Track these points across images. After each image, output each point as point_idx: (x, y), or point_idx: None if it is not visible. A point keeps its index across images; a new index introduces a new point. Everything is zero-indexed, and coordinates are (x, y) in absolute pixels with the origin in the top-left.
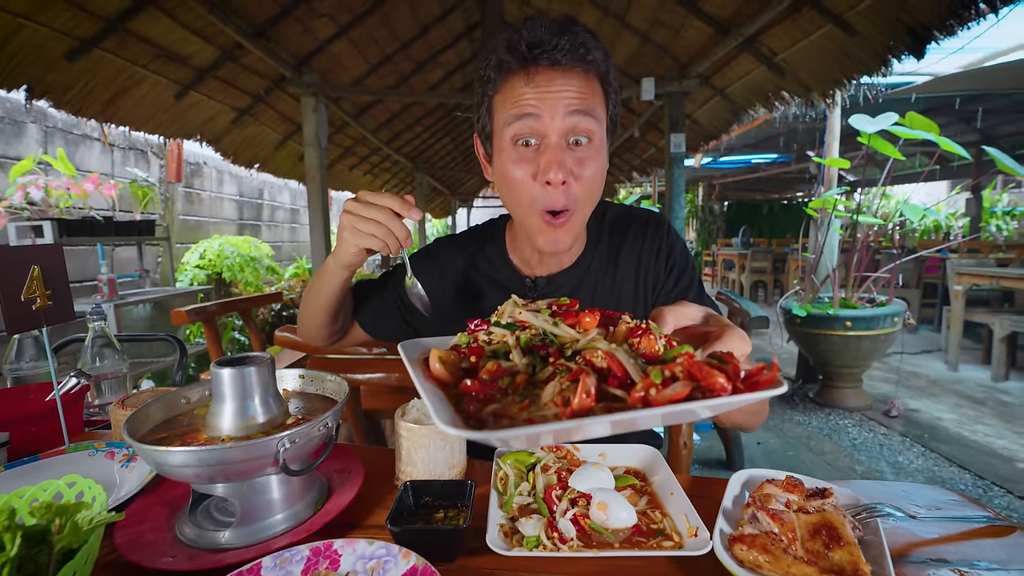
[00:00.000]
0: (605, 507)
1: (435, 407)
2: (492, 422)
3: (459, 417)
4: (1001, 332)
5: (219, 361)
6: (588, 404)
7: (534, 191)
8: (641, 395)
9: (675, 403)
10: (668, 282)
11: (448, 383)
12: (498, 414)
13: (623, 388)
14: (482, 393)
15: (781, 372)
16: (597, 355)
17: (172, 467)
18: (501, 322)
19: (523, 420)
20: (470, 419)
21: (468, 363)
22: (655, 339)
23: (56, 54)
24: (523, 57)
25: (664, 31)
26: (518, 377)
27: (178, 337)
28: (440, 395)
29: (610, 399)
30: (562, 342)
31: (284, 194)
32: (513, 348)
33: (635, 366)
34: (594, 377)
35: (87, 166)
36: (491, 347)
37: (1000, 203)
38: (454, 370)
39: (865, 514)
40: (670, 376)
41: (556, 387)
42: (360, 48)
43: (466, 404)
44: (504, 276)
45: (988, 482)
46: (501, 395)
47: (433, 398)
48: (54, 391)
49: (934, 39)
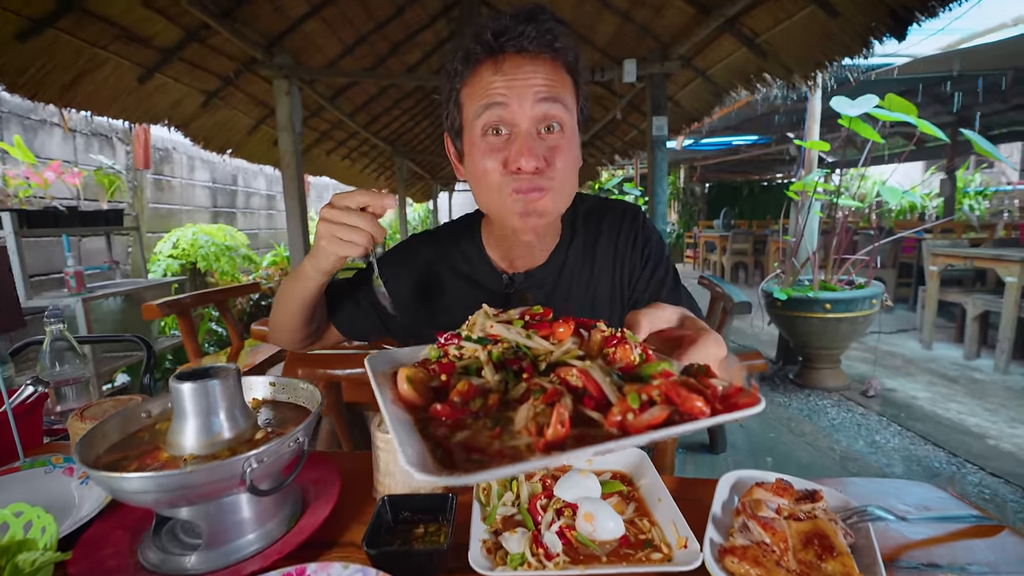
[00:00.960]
0: (592, 518)
1: (402, 444)
2: (461, 453)
3: (427, 446)
4: (974, 311)
5: (179, 374)
6: (563, 434)
7: (506, 178)
8: (618, 419)
9: (653, 428)
10: (644, 274)
11: (417, 405)
12: (468, 444)
13: (599, 409)
14: (452, 418)
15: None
16: (572, 373)
17: (129, 493)
18: (472, 336)
19: (494, 451)
20: (438, 448)
21: (438, 381)
22: (630, 348)
23: (6, 34)
24: (489, 46)
25: (645, 11)
26: (490, 397)
27: (144, 338)
28: (408, 424)
29: (585, 422)
30: (536, 354)
31: (259, 180)
32: (485, 364)
33: (611, 385)
34: (569, 400)
35: (47, 153)
36: (462, 363)
37: (973, 183)
38: (423, 390)
39: (856, 518)
40: (647, 400)
41: (529, 411)
42: (334, 28)
43: (434, 428)
44: (481, 273)
45: (962, 459)
46: (472, 419)
47: (400, 430)
48: (5, 403)
49: (916, 20)
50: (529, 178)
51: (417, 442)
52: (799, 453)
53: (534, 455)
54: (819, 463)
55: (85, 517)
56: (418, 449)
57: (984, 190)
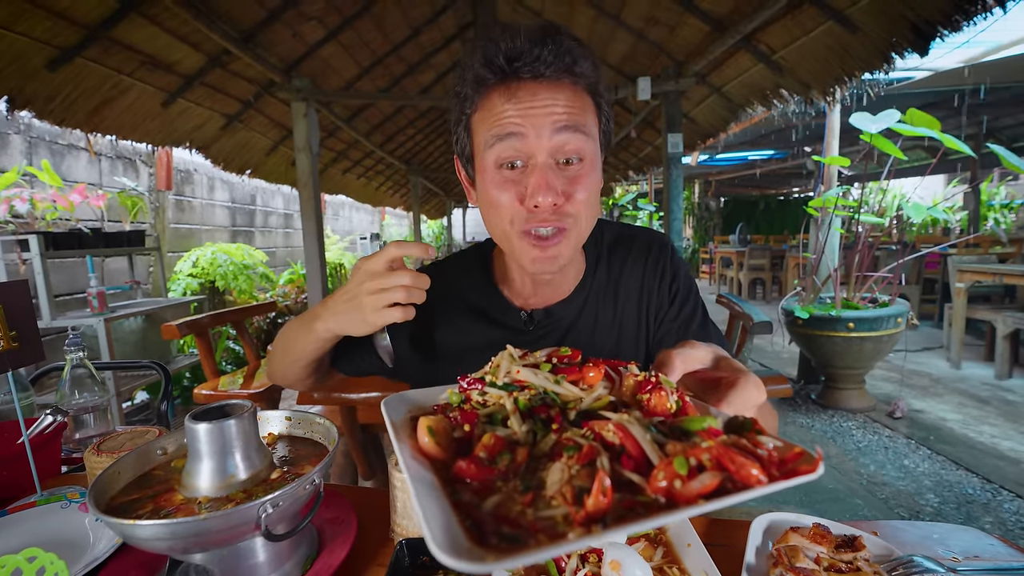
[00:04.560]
0: (618, 567)
1: (427, 516)
2: (492, 525)
3: (456, 516)
4: (1004, 329)
5: (194, 414)
6: (605, 505)
7: (520, 214)
8: (663, 486)
9: (703, 497)
10: (671, 311)
11: (439, 459)
12: (499, 514)
13: (639, 470)
14: (479, 479)
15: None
16: (608, 428)
17: (142, 540)
18: (497, 382)
19: (528, 524)
20: (467, 519)
21: (461, 432)
22: (666, 396)
23: (37, 64)
24: (502, 71)
25: (660, 29)
26: (519, 452)
27: (162, 364)
28: (432, 486)
29: (624, 485)
30: (565, 401)
31: (277, 199)
32: (511, 413)
33: (651, 444)
34: (606, 459)
35: (74, 177)
36: (486, 411)
37: (998, 196)
38: (445, 442)
39: (901, 570)
40: (696, 464)
41: (564, 473)
42: (350, 51)
43: (461, 491)
44: (495, 308)
45: (996, 486)
46: (501, 481)
47: (424, 498)
48: (23, 435)
49: (939, 35)
50: (546, 216)
51: (443, 512)
52: (824, 478)
53: (572, 529)
54: (846, 488)
55: (99, 558)
56: (446, 523)
57: (1010, 203)
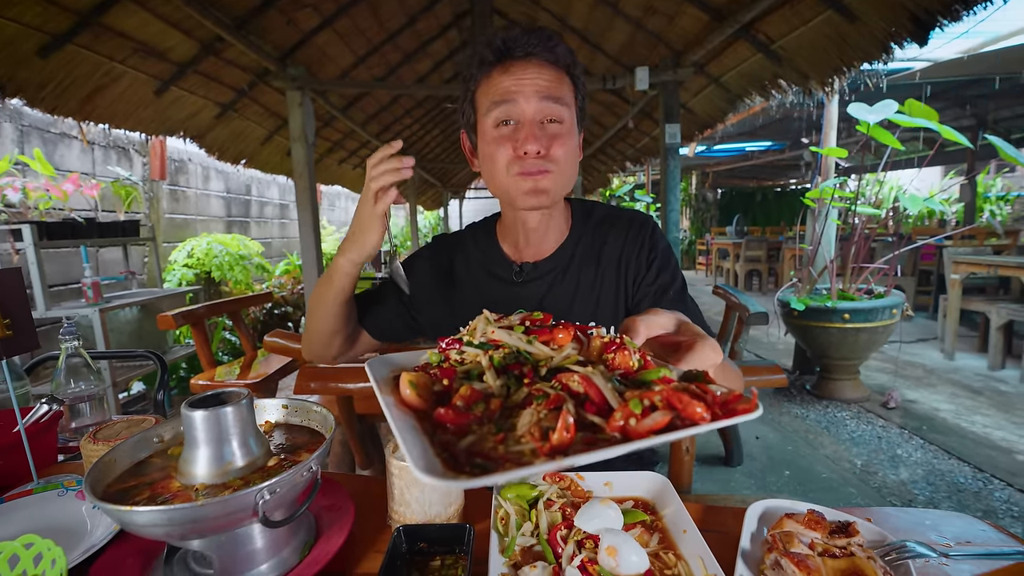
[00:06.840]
0: (615, 552)
1: (410, 449)
2: (466, 458)
3: (433, 450)
4: (998, 320)
5: (190, 401)
6: (568, 439)
7: (514, 162)
8: (620, 424)
9: (655, 433)
10: (649, 275)
11: (420, 409)
12: (473, 450)
13: (600, 415)
14: (456, 423)
15: (759, 399)
16: (574, 379)
17: (139, 526)
18: (473, 341)
19: (499, 456)
20: (444, 452)
21: (440, 386)
22: (629, 354)
23: (28, 50)
24: (500, 52)
25: (658, 18)
26: (492, 402)
27: (158, 354)
28: (415, 429)
29: (587, 427)
30: (536, 359)
31: (273, 189)
32: (487, 369)
33: (612, 391)
34: (572, 405)
35: (67, 166)
36: (463, 368)
37: (994, 188)
38: (426, 394)
39: (895, 555)
40: (649, 405)
41: (533, 416)
42: (346, 39)
43: (440, 435)
44: (495, 263)
45: (988, 475)
46: (476, 425)
47: (408, 436)
48: (19, 423)
49: (938, 24)
50: (533, 161)
51: (422, 445)
52: (818, 467)
53: (539, 459)
54: (839, 477)
55: (96, 544)
56: (424, 452)
57: (1006, 195)
